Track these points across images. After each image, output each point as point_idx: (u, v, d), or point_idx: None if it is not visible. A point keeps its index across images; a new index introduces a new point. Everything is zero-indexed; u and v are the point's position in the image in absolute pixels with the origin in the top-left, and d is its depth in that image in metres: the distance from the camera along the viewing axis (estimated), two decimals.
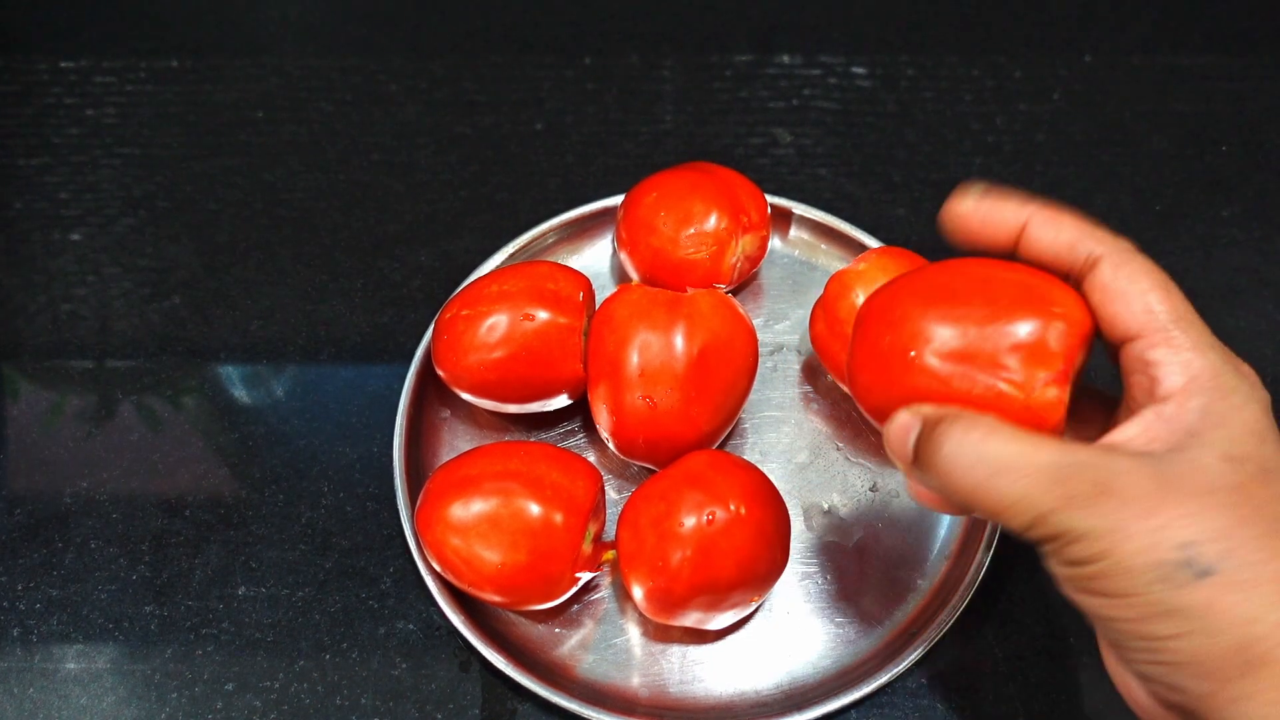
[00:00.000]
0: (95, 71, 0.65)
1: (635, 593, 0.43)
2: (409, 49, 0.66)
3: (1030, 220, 0.35)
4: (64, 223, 0.59)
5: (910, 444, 0.33)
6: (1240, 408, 0.31)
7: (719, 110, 0.63)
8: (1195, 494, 0.30)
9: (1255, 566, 0.29)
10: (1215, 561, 0.29)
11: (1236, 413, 0.31)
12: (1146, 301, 0.32)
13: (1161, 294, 0.33)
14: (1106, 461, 0.31)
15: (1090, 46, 0.66)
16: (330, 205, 0.60)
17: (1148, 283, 0.33)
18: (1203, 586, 0.29)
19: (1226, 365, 0.32)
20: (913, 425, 0.33)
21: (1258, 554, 0.29)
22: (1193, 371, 0.32)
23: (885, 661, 0.45)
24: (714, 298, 0.47)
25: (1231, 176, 0.60)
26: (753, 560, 0.43)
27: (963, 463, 0.32)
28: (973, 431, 0.32)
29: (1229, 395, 0.31)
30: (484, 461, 0.45)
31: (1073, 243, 0.34)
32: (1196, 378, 0.32)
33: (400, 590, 0.48)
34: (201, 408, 0.54)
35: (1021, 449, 0.31)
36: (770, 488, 0.45)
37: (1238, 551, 0.29)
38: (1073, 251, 0.34)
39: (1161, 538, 0.30)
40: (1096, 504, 0.30)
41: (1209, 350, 0.32)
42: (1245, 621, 0.29)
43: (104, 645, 0.47)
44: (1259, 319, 0.56)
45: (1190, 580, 0.29)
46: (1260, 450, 0.31)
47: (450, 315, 0.48)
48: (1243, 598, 0.29)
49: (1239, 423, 0.31)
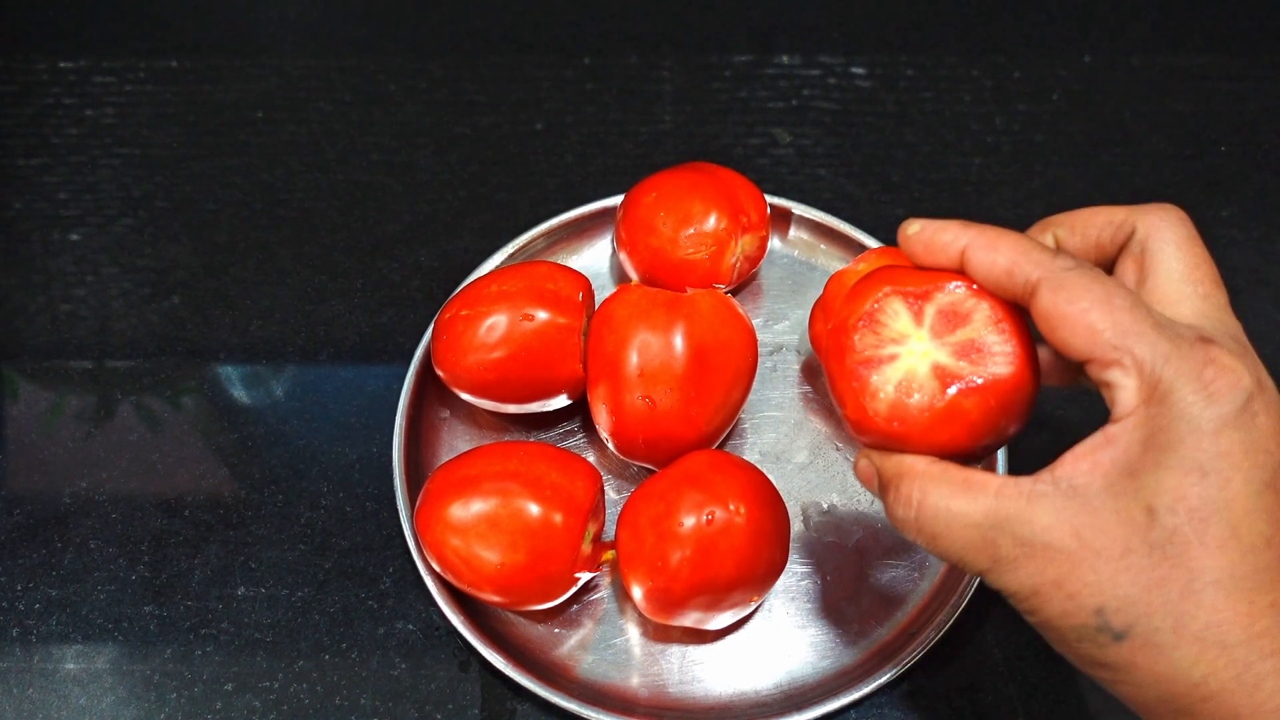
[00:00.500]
0: (94, 71, 0.65)
1: (634, 593, 0.43)
2: (408, 49, 0.66)
3: (969, 246, 0.33)
4: (63, 223, 0.59)
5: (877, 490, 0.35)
6: (1184, 439, 0.30)
7: (718, 110, 0.63)
8: (1112, 557, 0.30)
9: (1169, 631, 0.30)
10: (1128, 627, 0.30)
11: (1178, 446, 0.30)
12: (1088, 322, 0.31)
13: (1103, 311, 0.31)
14: (1032, 514, 0.31)
15: (1089, 47, 0.66)
16: (329, 205, 0.60)
17: (1087, 301, 0.31)
18: (1121, 648, 0.30)
19: (1183, 379, 0.30)
20: (873, 473, 0.35)
21: (1170, 619, 0.30)
22: (1145, 393, 0.30)
23: (884, 662, 0.45)
24: (713, 298, 0.47)
25: (1231, 177, 0.61)
26: (752, 560, 0.43)
27: (912, 524, 0.33)
28: (914, 485, 0.33)
29: (1176, 423, 0.30)
30: (483, 462, 0.45)
31: (1009, 269, 0.32)
32: (1148, 400, 0.30)
33: (400, 590, 0.48)
34: (201, 408, 0.53)
35: (956, 506, 0.32)
36: (770, 488, 0.45)
37: (1150, 617, 0.30)
38: (1011, 278, 0.33)
39: (1078, 604, 0.30)
40: (1020, 566, 0.31)
41: (1164, 364, 0.30)
42: (1164, 680, 0.30)
43: (103, 645, 0.47)
44: (1258, 319, 0.56)
45: (1109, 642, 0.30)
46: (1198, 491, 0.30)
47: (450, 315, 0.48)
48: (1159, 659, 0.30)
49: (1178, 461, 0.30)
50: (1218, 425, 0.30)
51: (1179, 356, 0.30)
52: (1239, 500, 0.30)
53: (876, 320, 0.35)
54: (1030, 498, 0.31)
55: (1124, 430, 0.30)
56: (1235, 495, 0.30)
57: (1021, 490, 0.31)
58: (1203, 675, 0.29)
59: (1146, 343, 0.30)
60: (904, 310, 0.34)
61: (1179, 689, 0.30)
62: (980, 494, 0.32)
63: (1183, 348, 0.30)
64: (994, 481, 0.32)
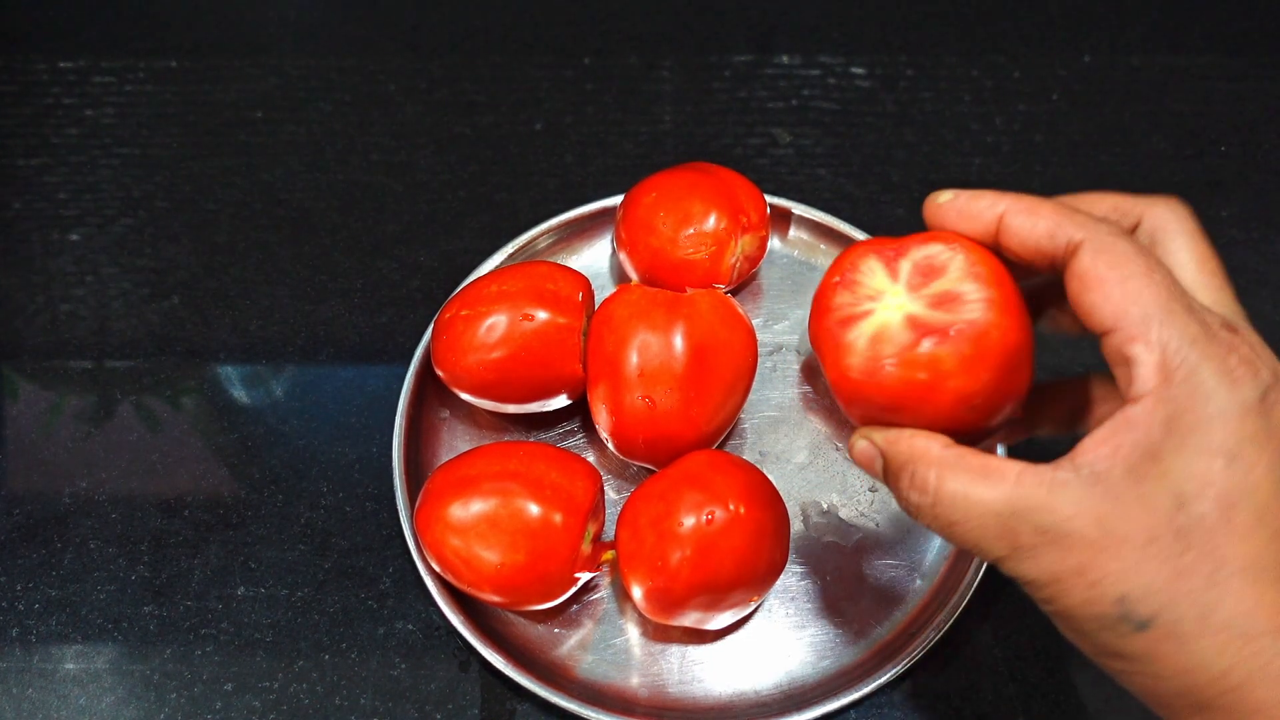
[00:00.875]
0: (94, 71, 0.65)
1: (635, 592, 0.43)
2: (408, 49, 0.66)
3: (1007, 211, 0.33)
4: (63, 223, 0.59)
5: (879, 472, 0.34)
6: (1210, 421, 0.29)
7: (718, 110, 0.63)
8: (1136, 545, 0.29)
9: (1193, 620, 0.29)
10: (1152, 616, 0.29)
11: (1204, 429, 0.29)
12: (1126, 290, 0.30)
13: (1144, 281, 0.30)
14: (1053, 503, 0.30)
15: (1089, 47, 0.66)
16: (329, 205, 0.60)
17: (1130, 269, 0.30)
18: (1142, 638, 0.30)
19: (1208, 363, 0.29)
20: (874, 455, 0.34)
21: (1195, 608, 0.29)
22: (1166, 372, 0.29)
23: (884, 662, 0.45)
24: (713, 298, 0.47)
25: (1230, 177, 0.61)
26: (752, 560, 0.43)
27: (927, 510, 0.32)
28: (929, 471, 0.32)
29: (1201, 405, 0.29)
30: (483, 462, 0.45)
31: (1051, 230, 0.32)
32: (1169, 379, 0.29)
33: (399, 590, 0.48)
34: (200, 408, 0.53)
35: (975, 493, 0.31)
36: (769, 488, 0.45)
37: (1175, 606, 0.29)
38: (1053, 240, 0.32)
39: (1100, 592, 0.30)
40: (1040, 554, 0.30)
41: (1190, 346, 0.29)
42: (1186, 671, 0.29)
43: (103, 645, 0.47)
44: (1258, 319, 0.55)
45: (1131, 631, 0.30)
46: (1225, 475, 0.29)
47: (449, 315, 0.48)
48: (1181, 649, 0.29)
49: (1204, 444, 0.29)
50: (1242, 410, 0.29)
51: (1206, 339, 0.30)
52: (1264, 486, 0.29)
53: (852, 280, 0.34)
54: (1051, 486, 0.30)
55: (1144, 412, 0.30)
56: (1260, 481, 0.29)
57: (1042, 479, 0.30)
58: (1226, 667, 0.29)
59: (1178, 322, 0.30)
60: (879, 267, 0.34)
61: (1200, 681, 0.29)
62: (1000, 481, 0.31)
63: (1211, 331, 0.30)
64: (1013, 468, 0.31)
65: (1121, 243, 0.31)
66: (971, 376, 0.32)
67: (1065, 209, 0.32)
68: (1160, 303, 0.30)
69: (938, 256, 0.33)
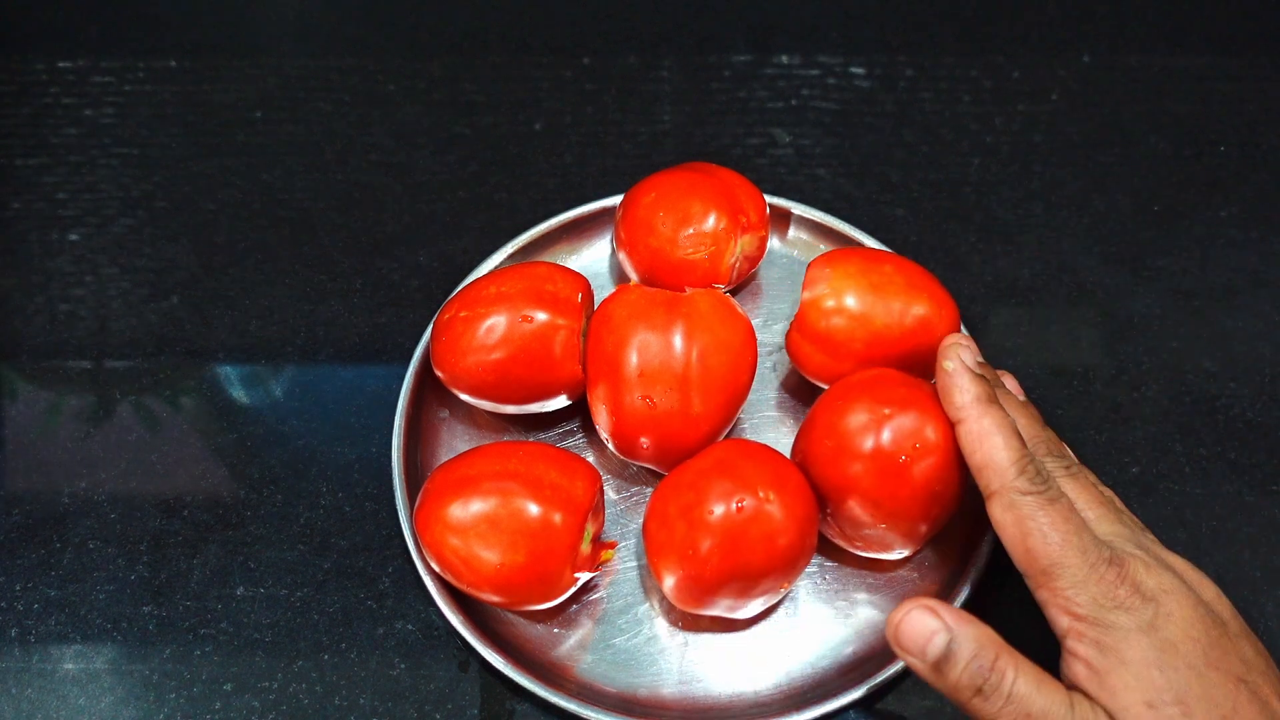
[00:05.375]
0: (93, 71, 0.65)
1: (665, 582, 0.43)
2: (407, 49, 0.66)
3: (960, 424, 0.41)
4: (62, 223, 0.59)
5: (933, 654, 0.38)
6: (1128, 640, 0.35)
7: (717, 110, 0.63)
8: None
9: None
10: None
11: (1124, 648, 0.35)
12: (1026, 547, 0.37)
13: (1037, 541, 0.37)
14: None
15: (1088, 47, 0.66)
16: (329, 205, 0.60)
17: (1028, 527, 0.37)
18: None
19: (1101, 601, 0.36)
20: (938, 633, 0.38)
21: None
22: (1070, 615, 0.37)
23: (884, 662, 0.45)
24: (713, 298, 0.47)
25: (1229, 177, 0.61)
26: (782, 547, 0.42)
27: (1009, 710, 0.37)
28: (1014, 679, 0.37)
29: (1110, 633, 0.36)
30: (483, 462, 0.44)
31: (978, 468, 0.39)
32: (1075, 626, 0.36)
33: (399, 590, 0.48)
34: (200, 408, 0.53)
35: (1046, 701, 0.36)
36: (797, 475, 0.44)
37: None
38: (978, 475, 0.39)
39: None
40: None
41: (1081, 591, 0.36)
42: None
43: (102, 645, 0.47)
44: (1257, 319, 0.56)
45: None
46: (1163, 678, 0.35)
47: (449, 316, 0.48)
48: None
49: (1131, 659, 0.35)
50: (1144, 628, 0.36)
51: (1094, 581, 0.36)
52: (1194, 685, 0.35)
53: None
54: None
55: (1068, 656, 0.37)
56: (1188, 680, 0.35)
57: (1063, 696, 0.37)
58: None
59: (1069, 574, 0.37)
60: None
61: None
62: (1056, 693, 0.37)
63: (1099, 570, 0.36)
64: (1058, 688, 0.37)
65: (1025, 502, 0.38)
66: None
67: (1001, 456, 0.39)
68: (1053, 558, 0.37)
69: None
